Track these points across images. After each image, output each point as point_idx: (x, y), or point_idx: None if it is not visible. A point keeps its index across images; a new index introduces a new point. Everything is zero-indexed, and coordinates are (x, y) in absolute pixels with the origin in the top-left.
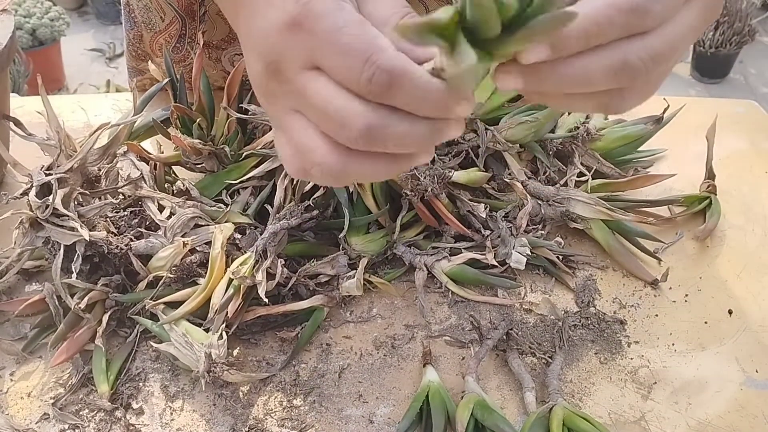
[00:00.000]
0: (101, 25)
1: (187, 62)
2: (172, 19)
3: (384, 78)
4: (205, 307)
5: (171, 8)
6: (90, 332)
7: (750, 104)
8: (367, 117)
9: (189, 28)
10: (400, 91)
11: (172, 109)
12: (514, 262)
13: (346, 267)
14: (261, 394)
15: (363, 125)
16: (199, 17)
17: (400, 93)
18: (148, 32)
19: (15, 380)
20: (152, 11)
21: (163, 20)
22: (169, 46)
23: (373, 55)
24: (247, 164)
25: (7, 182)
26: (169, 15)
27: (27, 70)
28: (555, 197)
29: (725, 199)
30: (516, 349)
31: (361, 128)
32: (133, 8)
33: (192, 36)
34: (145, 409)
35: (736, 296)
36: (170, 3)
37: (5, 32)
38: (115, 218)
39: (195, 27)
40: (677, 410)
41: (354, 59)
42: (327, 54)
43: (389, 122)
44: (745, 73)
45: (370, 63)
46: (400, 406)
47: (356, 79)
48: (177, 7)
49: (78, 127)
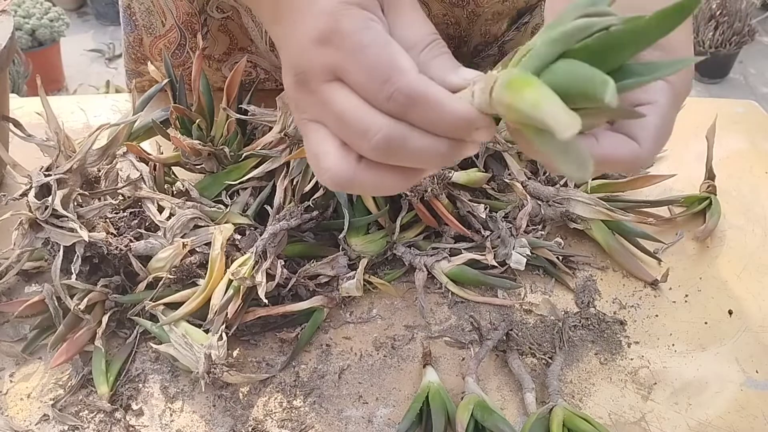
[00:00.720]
0: (101, 26)
1: (186, 66)
2: (171, 26)
3: (402, 99)
4: (204, 308)
5: (171, 15)
6: (90, 333)
7: (750, 104)
8: (388, 128)
9: (189, 41)
10: (417, 111)
11: (172, 110)
12: (514, 262)
13: (346, 268)
14: (261, 395)
15: (382, 136)
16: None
17: (418, 113)
18: (149, 36)
19: (15, 381)
20: (154, 15)
21: (164, 25)
22: (168, 51)
23: (393, 76)
24: (246, 165)
25: (6, 183)
26: (170, 20)
27: (26, 70)
28: (555, 198)
29: (725, 199)
30: (516, 349)
31: (379, 138)
32: (134, 11)
33: (192, 47)
34: (145, 410)
35: (736, 296)
36: (170, 10)
37: (4, 33)
38: (115, 219)
39: (194, 40)
40: (677, 411)
41: (375, 78)
42: (351, 70)
43: (409, 136)
44: (744, 73)
45: (390, 83)
46: (400, 407)
47: (376, 96)
48: (175, 17)
49: (77, 128)
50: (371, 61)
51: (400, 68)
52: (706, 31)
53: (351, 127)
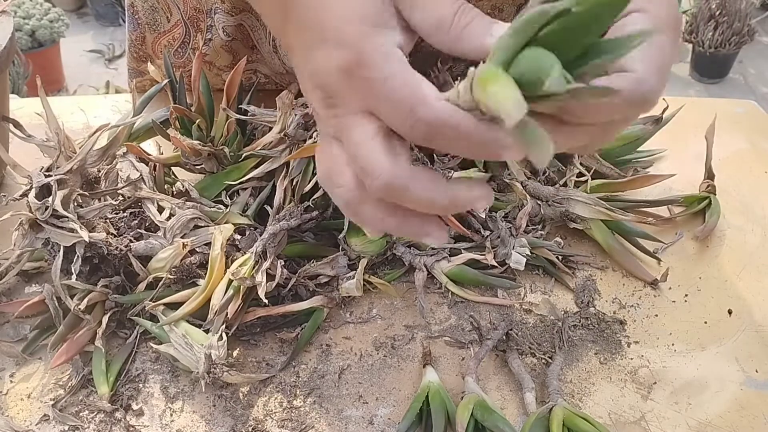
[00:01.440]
0: (100, 27)
1: (187, 68)
2: (176, 22)
3: (423, 129)
4: (204, 308)
5: (177, 10)
6: (90, 333)
7: (749, 104)
8: (390, 175)
9: (192, 39)
10: (440, 138)
11: (172, 110)
12: (514, 262)
13: (345, 268)
14: (261, 395)
15: (383, 182)
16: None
17: (441, 140)
18: (152, 34)
19: (15, 382)
20: (158, 11)
21: (169, 21)
22: (171, 48)
23: (414, 107)
24: (246, 165)
25: (6, 184)
26: (175, 16)
27: (26, 71)
28: (554, 197)
29: (725, 199)
30: (516, 349)
31: (380, 184)
32: (137, 9)
33: (195, 46)
34: (145, 410)
35: (736, 296)
36: (177, 5)
37: (4, 33)
38: (115, 219)
39: (198, 40)
40: (677, 410)
41: (398, 109)
42: (377, 101)
43: (410, 184)
44: (744, 73)
45: (412, 114)
46: (400, 407)
47: (402, 126)
48: (182, 11)
49: (77, 129)
50: (392, 94)
51: (419, 98)
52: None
53: (359, 164)
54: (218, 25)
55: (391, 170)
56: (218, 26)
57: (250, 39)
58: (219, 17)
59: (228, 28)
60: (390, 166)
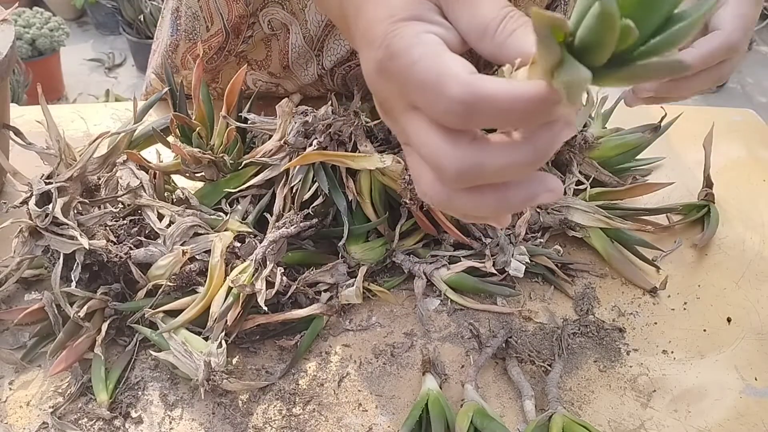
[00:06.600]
0: (100, 36)
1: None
2: (217, 31)
3: (458, 108)
4: (204, 315)
5: (220, 18)
6: (89, 341)
7: (747, 113)
8: (457, 160)
9: (230, 44)
10: (480, 115)
11: (172, 118)
12: (513, 270)
13: (345, 275)
14: (260, 403)
15: (454, 170)
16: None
17: (482, 117)
18: (186, 42)
19: (14, 389)
20: (199, 19)
21: (208, 30)
22: (206, 57)
23: (443, 87)
24: (246, 173)
25: (6, 191)
26: (217, 24)
27: (26, 79)
28: (554, 205)
29: (723, 207)
30: (515, 357)
31: (452, 173)
32: (181, 15)
33: (229, 51)
34: (144, 417)
35: (735, 304)
36: (221, 13)
37: (5, 42)
38: (115, 227)
39: (236, 44)
40: (677, 418)
41: (429, 94)
42: (411, 93)
43: (481, 160)
44: (742, 82)
45: (443, 96)
46: (400, 415)
47: (437, 113)
48: (225, 20)
49: (77, 137)
50: (422, 78)
51: (448, 76)
52: None
53: (428, 162)
54: (264, 20)
55: (455, 156)
56: (263, 21)
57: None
58: (269, 10)
59: (274, 21)
60: (453, 152)
